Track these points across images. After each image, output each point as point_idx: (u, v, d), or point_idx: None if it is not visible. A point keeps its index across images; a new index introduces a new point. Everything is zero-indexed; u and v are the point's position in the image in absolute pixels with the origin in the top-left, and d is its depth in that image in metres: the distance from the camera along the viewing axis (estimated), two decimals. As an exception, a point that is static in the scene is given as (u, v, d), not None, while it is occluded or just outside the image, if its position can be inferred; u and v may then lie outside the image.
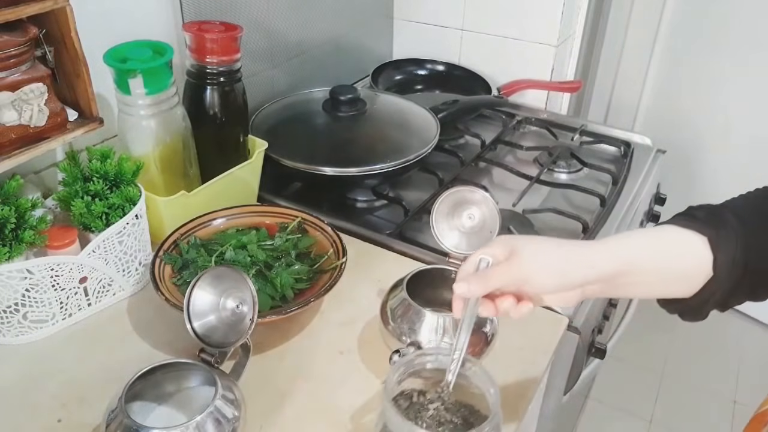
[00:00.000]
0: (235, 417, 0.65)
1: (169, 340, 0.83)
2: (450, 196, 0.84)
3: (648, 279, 0.60)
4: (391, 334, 0.77)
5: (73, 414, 0.73)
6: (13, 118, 0.78)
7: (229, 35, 0.93)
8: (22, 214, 0.78)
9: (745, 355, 2.16)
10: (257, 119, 1.17)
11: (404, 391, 0.68)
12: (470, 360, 0.66)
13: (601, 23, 1.97)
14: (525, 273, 0.59)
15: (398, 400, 0.67)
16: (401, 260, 0.98)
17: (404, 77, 1.58)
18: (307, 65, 1.36)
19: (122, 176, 0.86)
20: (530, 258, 0.59)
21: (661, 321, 2.32)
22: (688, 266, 0.59)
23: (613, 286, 0.60)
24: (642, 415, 1.95)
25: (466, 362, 0.65)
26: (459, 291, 0.60)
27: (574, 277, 0.59)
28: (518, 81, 1.51)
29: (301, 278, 0.86)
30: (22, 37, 0.76)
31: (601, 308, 1.06)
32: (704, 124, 2.12)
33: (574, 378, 1.01)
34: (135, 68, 0.86)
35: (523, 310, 0.61)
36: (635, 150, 1.32)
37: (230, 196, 1.00)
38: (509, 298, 0.60)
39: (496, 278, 0.60)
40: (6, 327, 0.81)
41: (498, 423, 0.63)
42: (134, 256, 0.88)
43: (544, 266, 0.59)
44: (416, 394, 0.68)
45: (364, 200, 1.16)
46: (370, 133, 1.17)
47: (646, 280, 0.60)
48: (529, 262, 0.59)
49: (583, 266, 0.59)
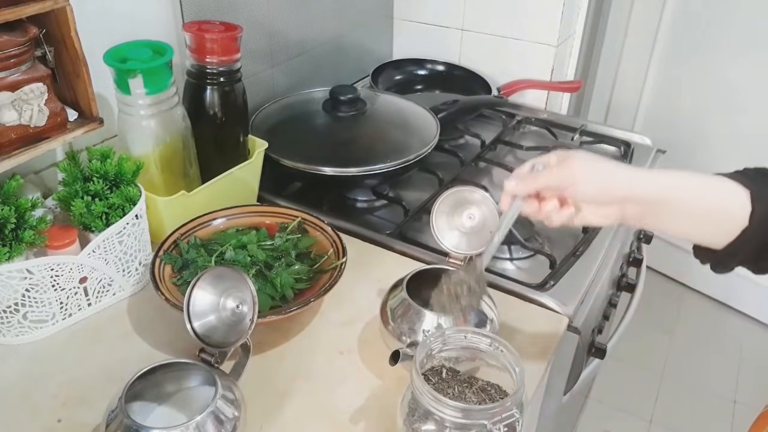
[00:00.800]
0: (235, 417, 0.65)
1: (169, 340, 0.83)
2: (450, 196, 0.84)
3: (687, 214, 0.63)
4: (391, 334, 0.77)
5: (73, 414, 0.73)
6: (13, 118, 0.78)
7: (229, 35, 0.93)
8: (22, 214, 0.78)
9: (745, 355, 2.16)
10: (257, 119, 1.17)
11: (434, 367, 0.70)
12: (498, 340, 0.67)
13: (601, 23, 1.97)
14: (571, 176, 0.63)
15: (428, 375, 0.69)
16: (401, 260, 0.98)
17: (404, 77, 1.58)
18: (307, 65, 1.36)
19: (122, 176, 0.86)
20: (579, 163, 0.63)
21: (661, 321, 2.33)
22: (727, 212, 0.61)
23: (653, 212, 0.63)
24: (642, 415, 1.95)
25: (494, 341, 0.67)
26: (508, 187, 0.66)
27: (617, 187, 0.63)
28: (518, 81, 1.51)
29: (301, 278, 0.86)
30: (22, 37, 0.76)
31: (601, 308, 1.06)
32: (704, 124, 2.11)
33: (574, 378, 1.01)
34: (135, 68, 0.86)
35: (564, 214, 0.66)
36: (635, 150, 1.32)
37: (230, 196, 1.00)
38: (553, 200, 0.65)
39: (543, 178, 0.65)
40: (6, 327, 0.81)
41: (521, 398, 0.64)
42: (134, 256, 0.88)
43: (590, 172, 0.63)
44: (445, 370, 0.70)
45: (364, 200, 1.16)
46: (370, 133, 1.17)
47: (685, 215, 0.63)
48: (577, 167, 0.63)
49: (627, 180, 0.63)
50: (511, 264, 1.01)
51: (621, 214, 0.65)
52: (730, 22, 1.95)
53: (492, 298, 0.80)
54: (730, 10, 1.93)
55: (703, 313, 2.31)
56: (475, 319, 0.76)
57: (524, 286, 0.92)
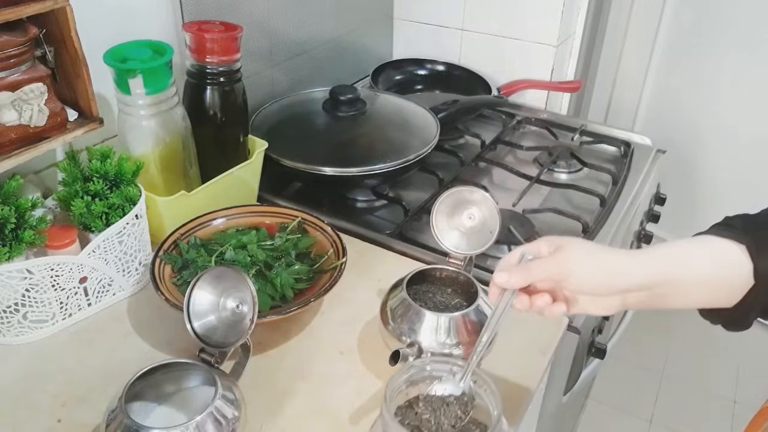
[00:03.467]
0: (235, 417, 0.65)
1: (169, 340, 0.83)
2: (450, 196, 0.84)
3: (690, 288, 0.60)
4: (391, 334, 0.77)
5: (73, 414, 0.73)
6: (13, 118, 0.78)
7: (229, 35, 0.93)
8: (22, 214, 0.78)
9: (745, 355, 2.16)
10: (257, 119, 1.17)
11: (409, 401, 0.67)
12: (479, 374, 0.64)
13: (601, 23, 1.97)
14: (567, 269, 0.59)
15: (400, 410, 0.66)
16: (401, 260, 0.98)
17: (404, 77, 1.58)
18: (307, 65, 1.36)
19: (122, 176, 0.86)
20: (574, 255, 0.59)
21: (661, 321, 2.32)
22: (728, 275, 0.59)
23: (655, 295, 0.60)
24: (642, 415, 1.95)
25: (475, 375, 0.64)
26: (499, 281, 0.61)
27: (615, 277, 0.59)
28: (518, 81, 1.51)
29: (301, 278, 0.86)
30: (22, 37, 0.76)
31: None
32: (704, 124, 2.12)
33: (574, 378, 1.01)
34: (135, 68, 0.86)
35: (555, 310, 0.61)
36: (635, 150, 1.32)
37: (230, 196, 1.00)
38: (545, 296, 0.61)
39: (537, 271, 0.60)
40: (6, 327, 0.81)
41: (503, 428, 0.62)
42: (134, 256, 0.88)
43: (587, 265, 0.59)
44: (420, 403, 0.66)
45: (364, 200, 1.16)
46: (370, 133, 1.17)
47: (688, 290, 0.60)
48: (572, 259, 0.59)
49: (626, 271, 0.59)
50: (511, 264, 1.01)
51: (623, 303, 0.62)
52: (730, 22, 1.95)
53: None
54: (730, 10, 1.94)
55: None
56: (476, 319, 0.76)
57: (524, 286, 0.92)
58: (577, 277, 0.59)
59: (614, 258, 0.60)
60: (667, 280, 0.59)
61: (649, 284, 0.60)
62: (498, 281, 0.61)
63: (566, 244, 0.60)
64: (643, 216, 1.27)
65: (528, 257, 0.62)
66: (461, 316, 0.76)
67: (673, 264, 0.60)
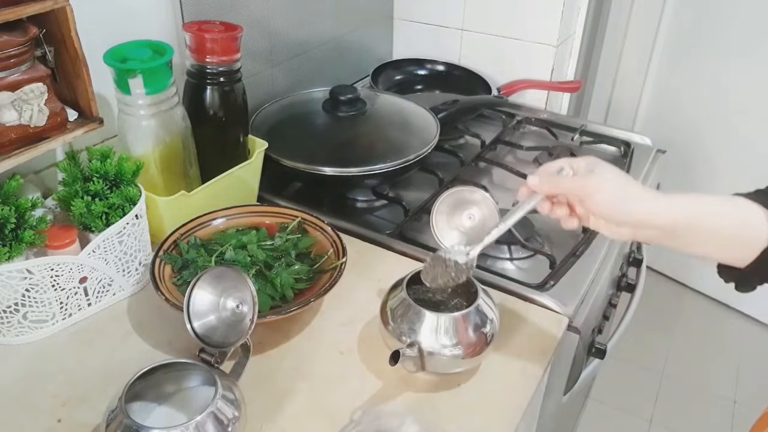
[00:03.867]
0: (235, 417, 0.65)
1: (169, 340, 0.83)
2: (450, 196, 0.84)
3: (706, 238, 0.63)
4: (391, 334, 0.77)
5: (73, 414, 0.73)
6: (13, 118, 0.78)
7: (229, 35, 0.93)
8: (22, 214, 0.78)
9: (745, 355, 2.16)
10: (257, 119, 1.17)
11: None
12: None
13: (601, 23, 1.97)
14: (590, 189, 0.64)
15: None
16: (401, 260, 0.98)
17: (404, 77, 1.58)
18: (307, 65, 1.36)
19: (122, 176, 0.86)
20: (601, 179, 0.64)
21: (661, 321, 2.33)
22: (746, 234, 0.61)
23: (671, 237, 0.64)
24: (642, 415, 1.95)
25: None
26: (531, 183, 0.68)
27: (630, 213, 0.64)
28: (518, 81, 1.51)
29: (301, 278, 0.86)
30: (22, 37, 0.76)
31: (601, 308, 1.06)
32: (704, 124, 2.11)
33: (574, 378, 1.01)
34: (135, 68, 0.86)
35: (570, 223, 0.68)
36: (635, 150, 1.32)
37: (230, 196, 1.00)
38: (565, 207, 0.68)
39: (565, 185, 0.66)
40: (6, 327, 0.81)
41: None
42: (134, 256, 0.88)
43: (614, 190, 0.64)
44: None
45: (364, 200, 1.16)
46: (370, 133, 1.17)
47: (704, 240, 0.63)
48: (598, 183, 0.64)
49: (643, 207, 0.63)
50: (511, 264, 1.01)
51: (633, 235, 0.66)
52: (731, 22, 1.95)
53: (492, 298, 0.80)
54: (730, 10, 1.93)
55: (703, 313, 2.31)
56: (476, 319, 0.76)
57: (524, 286, 0.92)
58: (594, 199, 0.64)
59: (643, 194, 0.64)
60: (685, 226, 0.63)
61: (664, 226, 0.63)
62: (530, 183, 0.68)
63: (603, 166, 0.66)
64: (643, 216, 1.27)
65: (567, 171, 0.67)
66: (461, 316, 0.76)
67: (693, 212, 0.63)
